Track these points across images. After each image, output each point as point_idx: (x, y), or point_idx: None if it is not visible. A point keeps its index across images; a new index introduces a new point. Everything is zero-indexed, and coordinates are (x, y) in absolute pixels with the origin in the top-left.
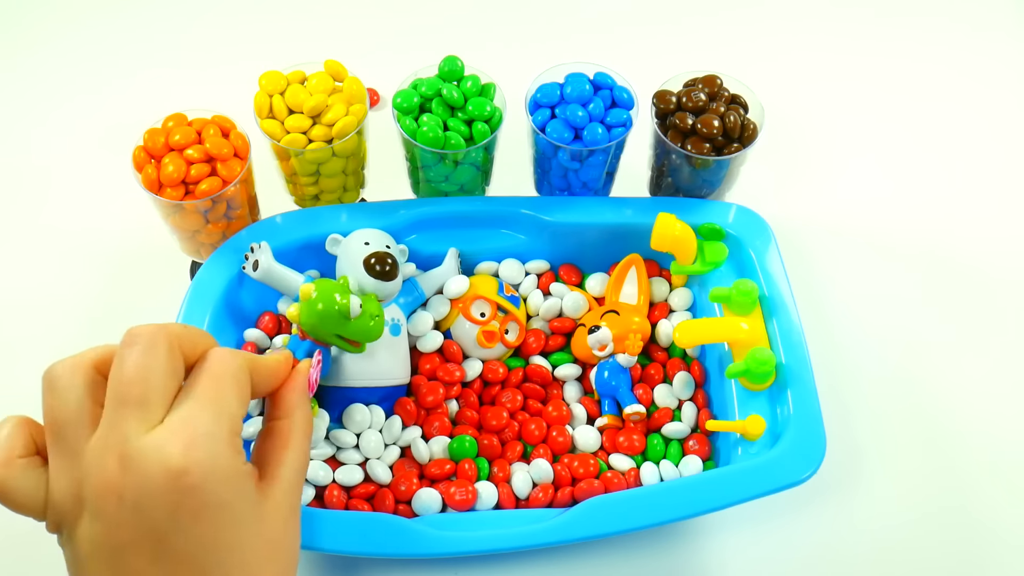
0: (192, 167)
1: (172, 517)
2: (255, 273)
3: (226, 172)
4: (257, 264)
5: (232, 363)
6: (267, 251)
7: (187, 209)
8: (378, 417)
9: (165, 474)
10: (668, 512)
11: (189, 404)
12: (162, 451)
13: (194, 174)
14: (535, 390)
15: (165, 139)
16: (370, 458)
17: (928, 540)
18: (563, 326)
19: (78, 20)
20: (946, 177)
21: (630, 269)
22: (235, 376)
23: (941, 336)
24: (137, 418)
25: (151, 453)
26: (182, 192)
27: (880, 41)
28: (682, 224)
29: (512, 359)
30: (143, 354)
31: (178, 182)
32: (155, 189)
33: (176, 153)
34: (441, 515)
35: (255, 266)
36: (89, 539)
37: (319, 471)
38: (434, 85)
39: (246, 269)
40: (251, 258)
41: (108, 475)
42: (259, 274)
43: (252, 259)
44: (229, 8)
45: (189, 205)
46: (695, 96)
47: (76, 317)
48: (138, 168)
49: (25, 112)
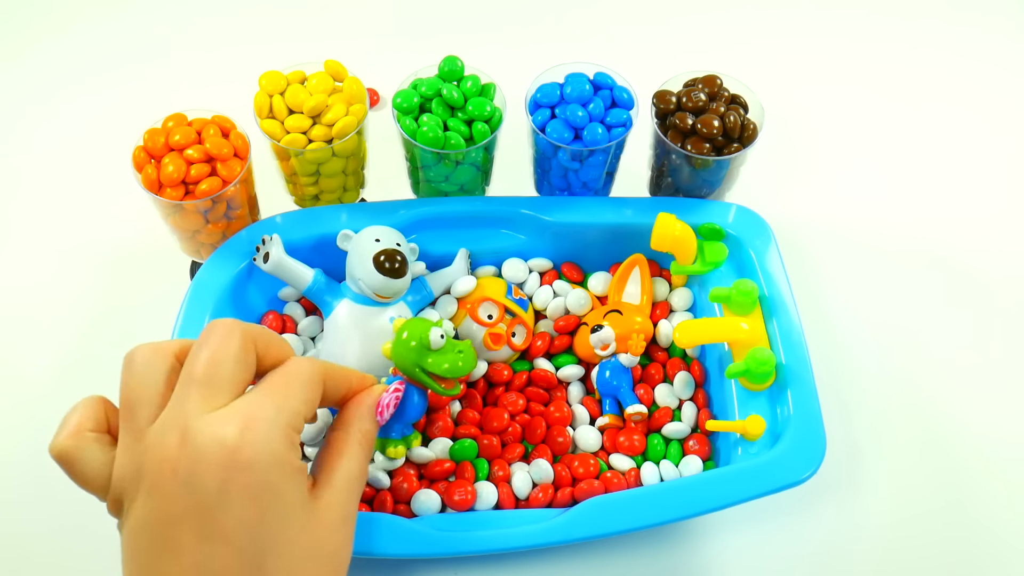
0: (192, 167)
1: (221, 492)
2: (266, 265)
3: (226, 172)
4: (268, 256)
5: (307, 367)
6: (278, 244)
7: (187, 209)
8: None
9: (219, 449)
10: (668, 512)
11: (255, 394)
12: (219, 428)
13: (194, 174)
14: (539, 394)
15: (165, 139)
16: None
17: (928, 540)
18: (568, 324)
19: (78, 20)
20: (946, 177)
21: (633, 269)
22: (308, 378)
23: (941, 336)
24: (201, 397)
25: (208, 429)
26: (182, 192)
27: (880, 42)
28: (682, 224)
29: (518, 362)
30: (218, 340)
31: (178, 182)
32: (155, 189)
33: (176, 153)
34: (441, 515)
35: (266, 258)
36: (141, 514)
37: None
38: (434, 85)
39: (256, 261)
40: (262, 250)
41: (167, 449)
42: (269, 266)
43: (263, 251)
44: (229, 8)
45: (189, 205)
46: (695, 96)
47: (76, 317)
48: (138, 168)
49: (25, 112)
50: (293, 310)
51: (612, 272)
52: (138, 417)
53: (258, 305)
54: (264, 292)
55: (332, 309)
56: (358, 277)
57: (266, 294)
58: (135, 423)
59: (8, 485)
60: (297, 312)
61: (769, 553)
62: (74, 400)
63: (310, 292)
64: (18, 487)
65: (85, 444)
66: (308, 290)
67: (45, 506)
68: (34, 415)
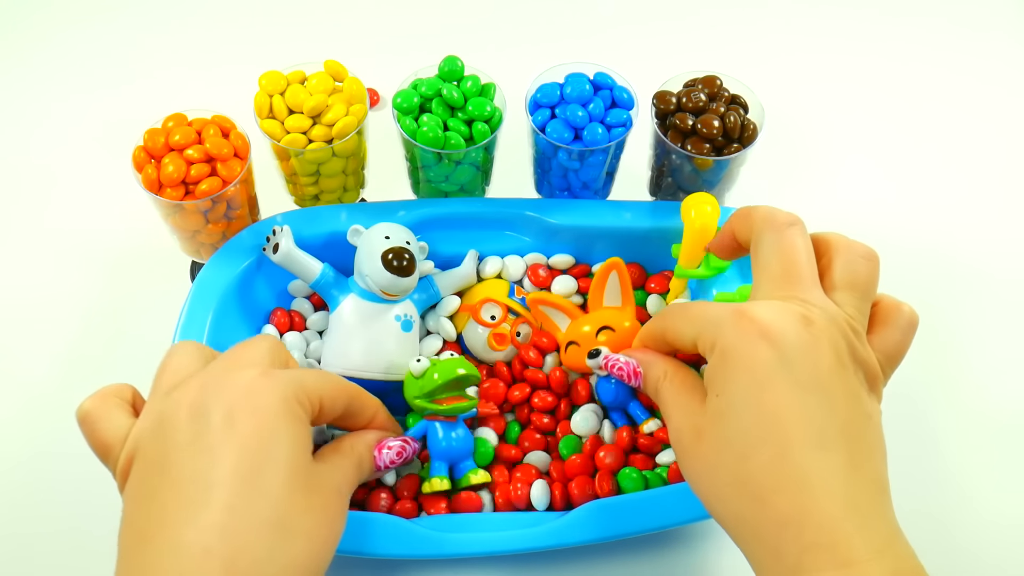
0: (192, 167)
1: (226, 420)
2: (275, 256)
3: (226, 172)
4: (278, 247)
5: (341, 382)
6: (288, 235)
7: (187, 209)
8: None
9: (232, 387)
10: (669, 516)
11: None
12: (238, 374)
13: (194, 174)
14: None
15: (165, 139)
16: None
17: (928, 541)
18: (551, 343)
19: (77, 21)
20: (948, 177)
21: (610, 274)
22: (336, 380)
23: (944, 338)
24: (229, 362)
25: (227, 376)
26: (182, 192)
27: (880, 41)
28: (711, 211)
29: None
30: (255, 338)
31: (178, 182)
32: (155, 189)
33: (176, 153)
34: (441, 516)
35: (275, 249)
36: (148, 454)
37: None
38: (434, 85)
39: (266, 251)
40: (272, 241)
41: (186, 393)
42: (279, 257)
43: (273, 242)
44: (229, 8)
45: (189, 205)
46: (695, 96)
47: (76, 317)
48: (138, 168)
49: (25, 112)
50: (301, 305)
51: (573, 274)
52: (165, 385)
53: (261, 305)
54: (267, 293)
55: (338, 303)
56: (366, 273)
57: (269, 295)
58: (162, 389)
59: (8, 485)
60: (305, 307)
61: None
62: (74, 400)
63: (318, 285)
64: (18, 487)
65: (110, 406)
66: (316, 283)
67: (45, 506)
68: (34, 415)
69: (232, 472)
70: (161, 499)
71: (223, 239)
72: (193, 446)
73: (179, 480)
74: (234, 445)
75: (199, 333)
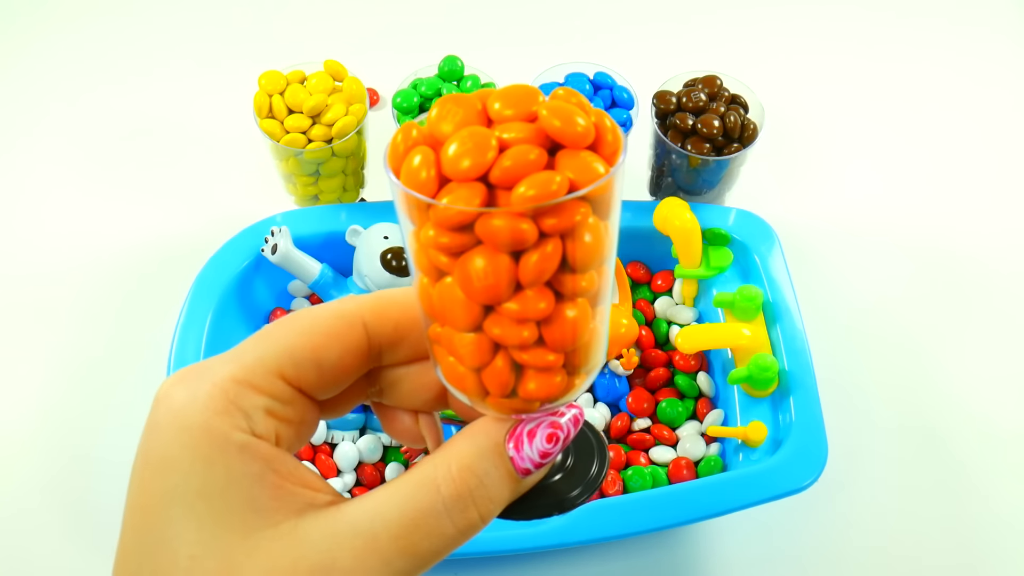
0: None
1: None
2: (273, 257)
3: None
4: (276, 248)
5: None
6: (287, 235)
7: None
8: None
9: (157, 402)
10: (668, 517)
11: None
12: (176, 375)
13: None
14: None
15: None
16: (364, 462)
17: (928, 543)
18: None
19: (77, 21)
20: (948, 177)
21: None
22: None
23: (946, 340)
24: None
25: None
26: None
27: (881, 42)
28: (691, 216)
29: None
30: None
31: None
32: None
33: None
34: None
35: (274, 250)
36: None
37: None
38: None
39: (264, 252)
40: (271, 241)
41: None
42: (277, 258)
43: (271, 243)
44: (229, 8)
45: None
46: (695, 96)
47: (76, 317)
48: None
49: (25, 112)
50: (300, 305)
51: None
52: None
53: (260, 305)
54: (267, 293)
55: None
56: (364, 273)
57: (269, 295)
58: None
59: (8, 485)
60: (305, 307)
61: (769, 555)
62: (74, 400)
63: (317, 286)
64: (18, 487)
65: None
66: (315, 284)
67: (44, 506)
68: (34, 415)
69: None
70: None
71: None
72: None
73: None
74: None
75: (199, 333)
